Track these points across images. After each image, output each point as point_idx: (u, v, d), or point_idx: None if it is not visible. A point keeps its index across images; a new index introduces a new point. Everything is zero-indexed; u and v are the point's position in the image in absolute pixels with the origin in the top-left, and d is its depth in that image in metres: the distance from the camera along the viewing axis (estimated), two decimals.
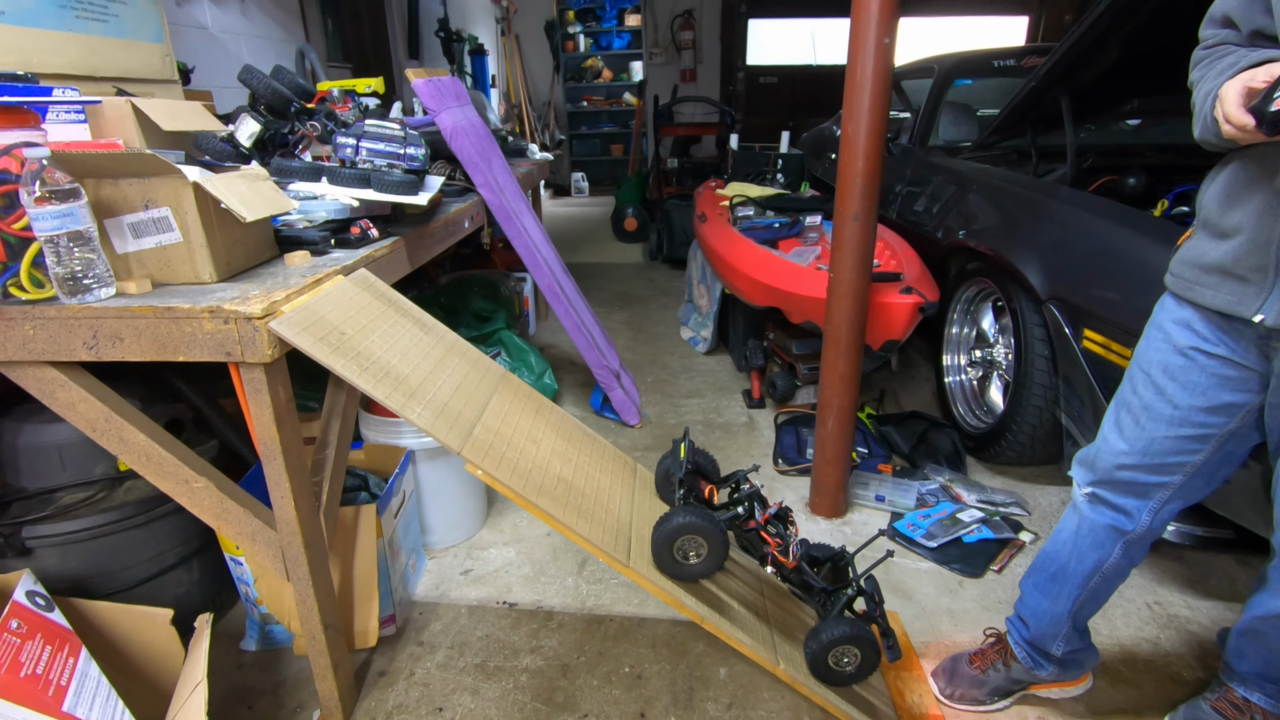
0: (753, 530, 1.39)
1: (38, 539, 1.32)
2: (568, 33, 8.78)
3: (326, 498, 1.32)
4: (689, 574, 1.28)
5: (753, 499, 1.41)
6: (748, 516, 1.39)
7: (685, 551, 1.26)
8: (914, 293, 2.04)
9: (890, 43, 1.62)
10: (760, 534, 1.38)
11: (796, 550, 1.37)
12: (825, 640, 1.28)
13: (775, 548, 1.35)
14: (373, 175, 1.61)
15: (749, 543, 1.42)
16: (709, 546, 1.26)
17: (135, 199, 1.12)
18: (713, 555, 1.27)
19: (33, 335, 1.07)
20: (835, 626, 1.28)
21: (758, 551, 1.40)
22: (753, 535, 1.39)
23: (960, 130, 3.29)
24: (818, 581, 1.39)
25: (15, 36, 1.56)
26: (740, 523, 1.39)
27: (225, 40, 3.20)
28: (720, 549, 1.27)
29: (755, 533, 1.39)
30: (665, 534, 1.25)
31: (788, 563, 1.36)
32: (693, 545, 1.26)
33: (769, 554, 1.36)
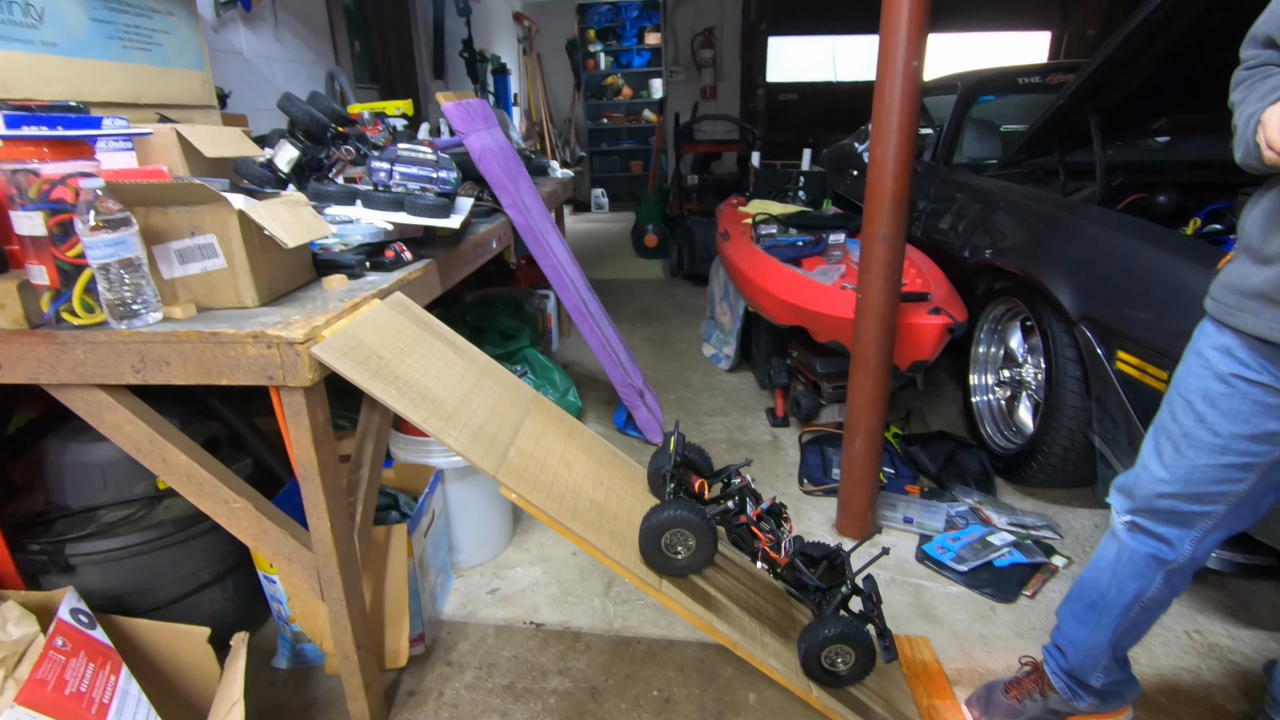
0: (743, 525, 1.36)
1: (80, 556, 1.35)
2: (588, 51, 8.90)
3: (360, 518, 1.34)
4: (677, 569, 1.26)
5: (743, 493, 1.39)
6: (738, 511, 1.36)
7: (673, 546, 1.25)
8: (942, 313, 2.03)
9: (919, 65, 1.62)
10: (751, 529, 1.35)
11: (789, 546, 1.34)
12: (818, 639, 1.26)
13: (767, 543, 1.32)
14: (406, 199, 1.64)
15: (740, 538, 1.39)
16: (697, 541, 1.24)
17: (183, 226, 1.15)
18: (701, 550, 1.25)
19: (83, 359, 1.10)
20: (828, 625, 1.26)
21: (749, 547, 1.38)
22: (744, 530, 1.37)
23: (984, 147, 3.28)
24: (812, 579, 1.36)
25: (65, 67, 1.62)
26: (731, 517, 1.36)
27: (259, 64, 3.28)
28: (709, 544, 1.25)
29: (746, 528, 1.36)
30: (652, 527, 1.23)
31: (779, 559, 1.33)
32: (681, 540, 1.24)
33: (760, 549, 1.33)
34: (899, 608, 1.78)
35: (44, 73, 1.56)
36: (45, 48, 1.57)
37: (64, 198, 1.07)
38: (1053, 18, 6.41)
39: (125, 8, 1.79)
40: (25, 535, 1.35)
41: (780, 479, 2.43)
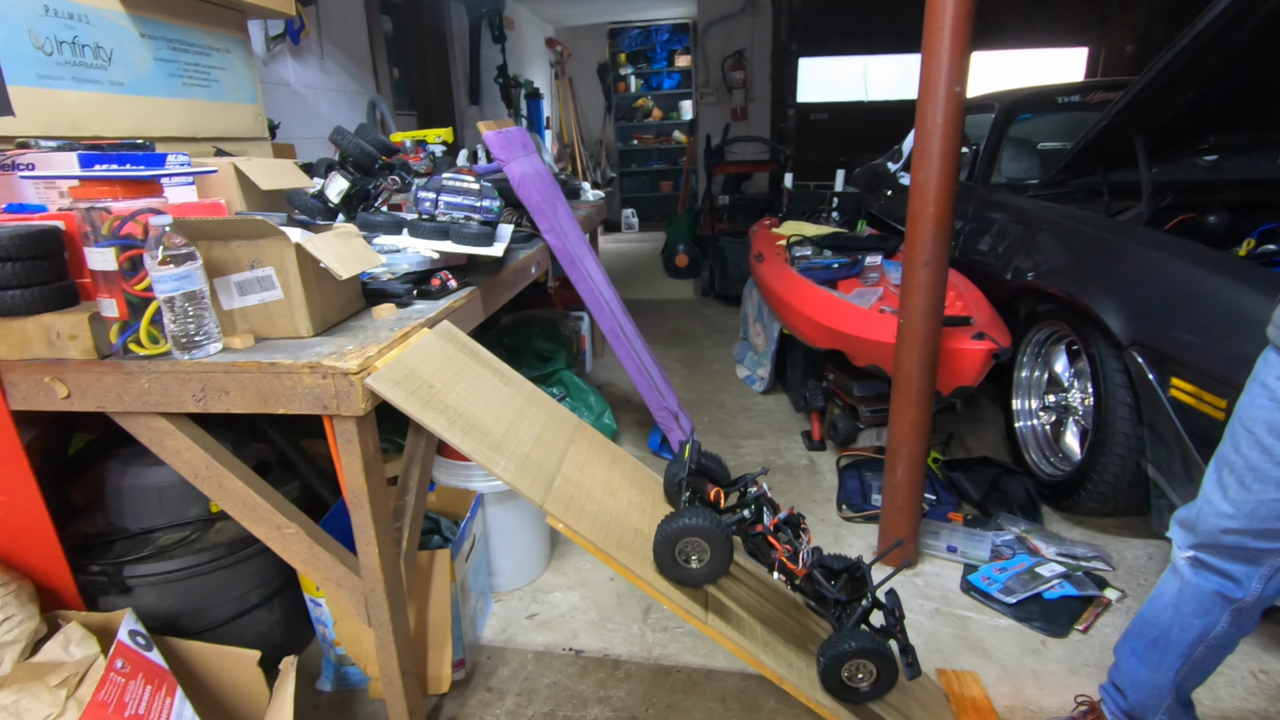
0: (760, 535, 1.33)
1: (137, 578, 1.39)
2: (619, 74, 9.03)
3: (406, 543, 1.35)
4: (692, 579, 1.24)
5: (760, 502, 1.36)
6: (754, 520, 1.33)
7: (688, 555, 1.22)
8: (986, 338, 1.99)
9: (961, 90, 1.62)
10: (768, 539, 1.32)
11: (807, 558, 1.31)
12: (837, 653, 1.22)
13: (784, 554, 1.30)
14: (451, 228, 1.67)
15: (757, 548, 1.36)
16: (712, 550, 1.21)
17: (243, 259, 1.19)
18: (716, 560, 1.22)
19: (148, 388, 1.14)
20: (849, 639, 1.22)
21: (766, 558, 1.35)
22: (760, 540, 1.34)
23: (1022, 166, 3.24)
24: (831, 592, 1.32)
25: (131, 105, 1.70)
26: (747, 526, 1.33)
27: (305, 95, 3.39)
28: (724, 553, 1.22)
29: (763, 537, 1.33)
30: (666, 536, 1.21)
31: (797, 570, 1.30)
32: (695, 549, 1.22)
33: (776, 560, 1.30)
34: (945, 640, 1.74)
35: (111, 111, 1.64)
36: (113, 87, 1.65)
37: (133, 233, 1.12)
38: (1089, 34, 6.33)
39: (186, 47, 1.87)
40: (86, 556, 1.40)
41: (818, 504, 2.39)
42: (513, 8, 6.78)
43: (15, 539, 1.26)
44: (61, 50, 1.52)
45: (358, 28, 3.87)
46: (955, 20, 1.57)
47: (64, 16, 1.52)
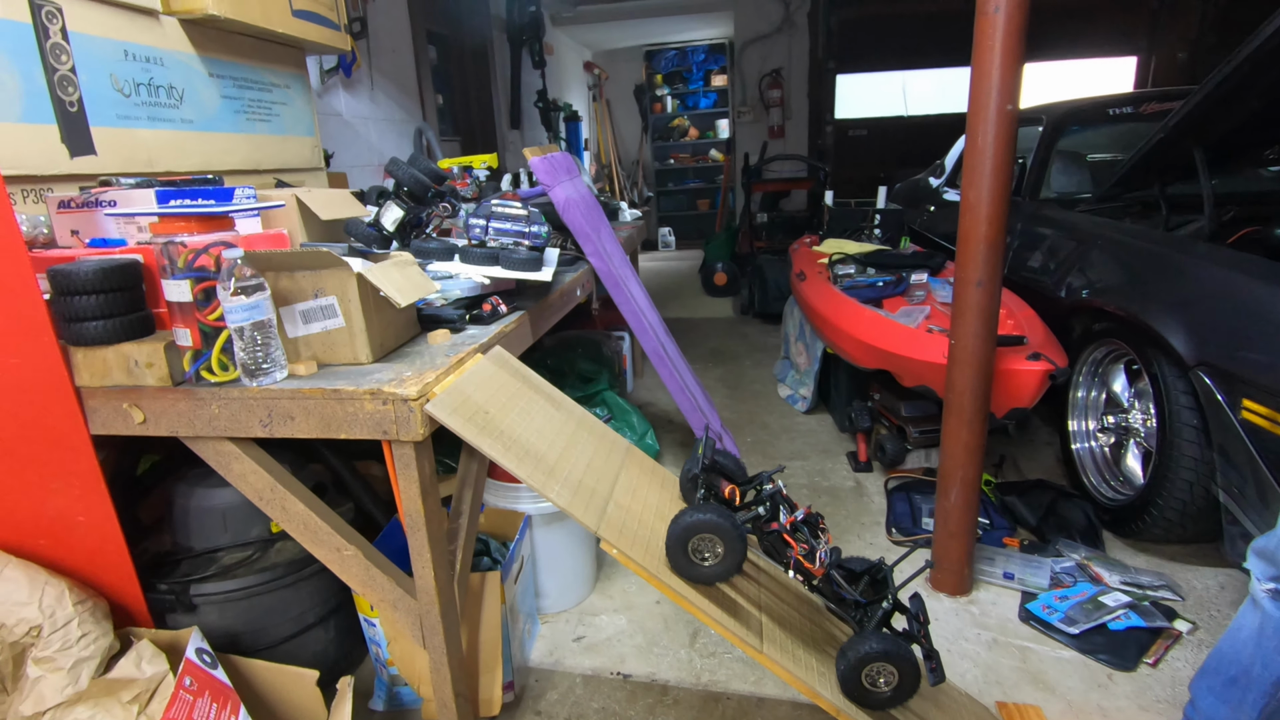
0: (775, 533, 1.30)
1: (202, 596, 1.43)
2: (655, 95, 9.14)
3: (459, 566, 1.37)
4: (704, 576, 1.22)
5: (775, 499, 1.33)
6: (770, 517, 1.30)
7: (700, 552, 1.20)
8: (1042, 358, 1.94)
9: (1014, 109, 1.59)
10: (784, 537, 1.29)
11: (825, 558, 1.28)
12: (858, 655, 1.19)
13: (799, 552, 1.26)
14: (500, 253, 1.70)
15: (772, 547, 1.33)
16: (726, 548, 1.19)
17: (307, 289, 1.23)
18: (730, 557, 1.20)
19: (218, 414, 1.19)
20: (869, 641, 1.19)
21: (781, 556, 1.32)
22: (776, 538, 1.31)
23: (1072, 180, 3.16)
24: (850, 593, 1.29)
25: (200, 141, 1.78)
26: (762, 524, 1.30)
27: (356, 124, 3.51)
28: (738, 551, 1.20)
29: (778, 535, 1.30)
30: (678, 532, 1.19)
31: (814, 569, 1.27)
32: (708, 546, 1.20)
33: (792, 558, 1.27)
34: (1004, 671, 1.68)
35: (183, 147, 1.72)
36: (184, 125, 1.73)
37: (206, 265, 1.17)
38: (1139, 43, 6.17)
39: (250, 84, 1.96)
40: (155, 575, 1.45)
41: (866, 528, 2.35)
42: (552, 34, 6.93)
43: (92, 558, 1.31)
44: (139, 91, 1.60)
45: (405, 59, 4.00)
46: (1006, 37, 1.55)
47: (141, 60, 1.61)
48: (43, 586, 1.22)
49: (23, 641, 1.19)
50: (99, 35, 1.50)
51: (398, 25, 3.94)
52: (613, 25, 7.54)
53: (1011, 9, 1.52)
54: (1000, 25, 1.54)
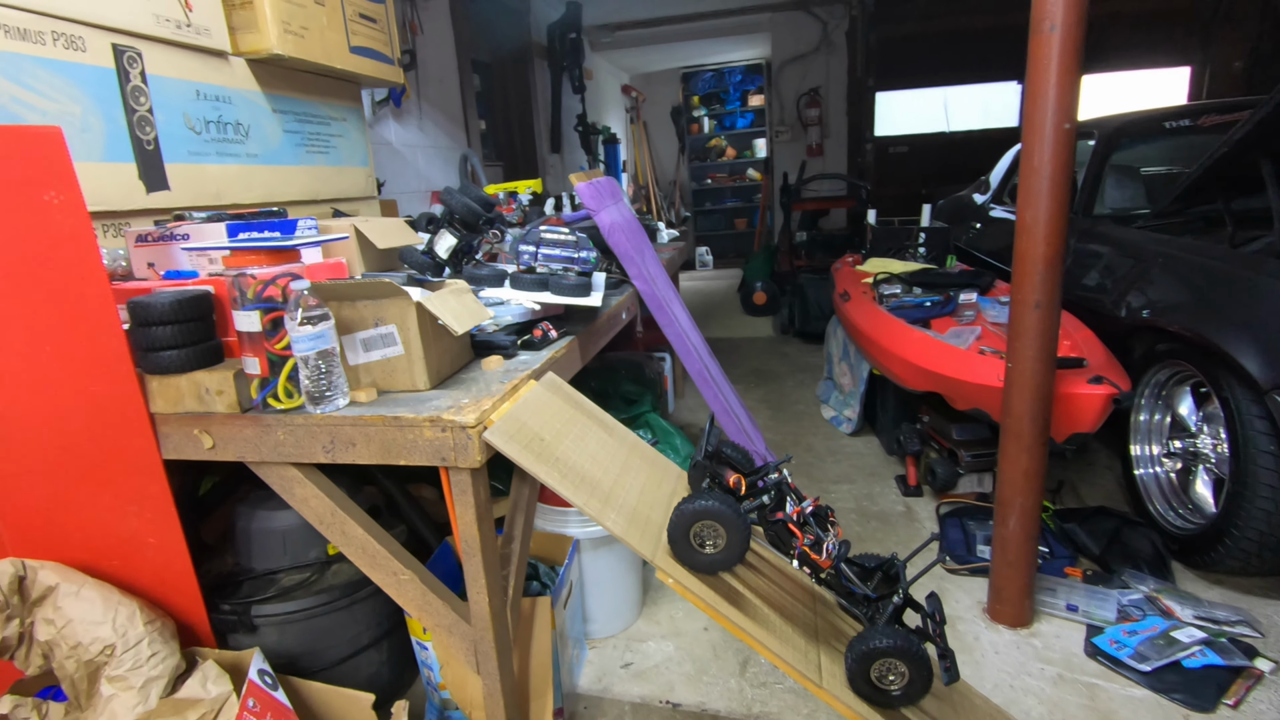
0: (780, 522, 1.27)
1: (263, 617, 1.46)
2: (692, 116, 9.22)
3: (512, 591, 1.37)
4: (705, 565, 1.19)
5: (781, 488, 1.30)
6: (774, 507, 1.27)
7: (702, 539, 1.18)
8: (1105, 382, 1.88)
9: (1071, 127, 1.56)
10: (789, 526, 1.25)
11: (833, 549, 1.24)
12: (866, 650, 1.15)
13: (804, 542, 1.23)
14: (550, 279, 1.73)
15: (778, 537, 1.30)
16: (728, 535, 1.17)
17: (368, 317, 1.26)
18: (732, 545, 1.18)
19: (283, 440, 1.22)
20: (879, 636, 1.15)
21: (786, 547, 1.28)
22: (781, 528, 1.28)
23: (1126, 195, 3.07)
24: (860, 587, 1.25)
25: (264, 174, 1.85)
26: (767, 513, 1.27)
27: (405, 152, 3.62)
28: (740, 538, 1.17)
29: (784, 525, 1.27)
30: (680, 518, 1.17)
31: (821, 561, 1.23)
32: (710, 533, 1.17)
33: (797, 548, 1.24)
34: (1071, 709, 1.61)
35: (248, 181, 1.80)
36: (249, 159, 1.81)
37: (274, 296, 1.21)
38: (1192, 54, 6.00)
39: (310, 118, 2.03)
40: (218, 595, 1.48)
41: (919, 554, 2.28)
42: (591, 59, 7.05)
43: (160, 579, 1.35)
44: (209, 129, 1.68)
45: (451, 87, 4.11)
46: (1062, 55, 1.53)
47: (211, 99, 1.69)
48: (116, 606, 1.27)
49: (97, 660, 1.23)
50: (174, 77, 1.58)
51: (445, 56, 4.06)
52: (650, 49, 7.65)
53: (1068, 27, 1.50)
54: (1056, 44, 1.51)
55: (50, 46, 1.31)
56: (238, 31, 1.76)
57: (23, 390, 1.17)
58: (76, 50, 1.36)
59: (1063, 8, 1.50)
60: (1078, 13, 1.50)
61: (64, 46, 1.34)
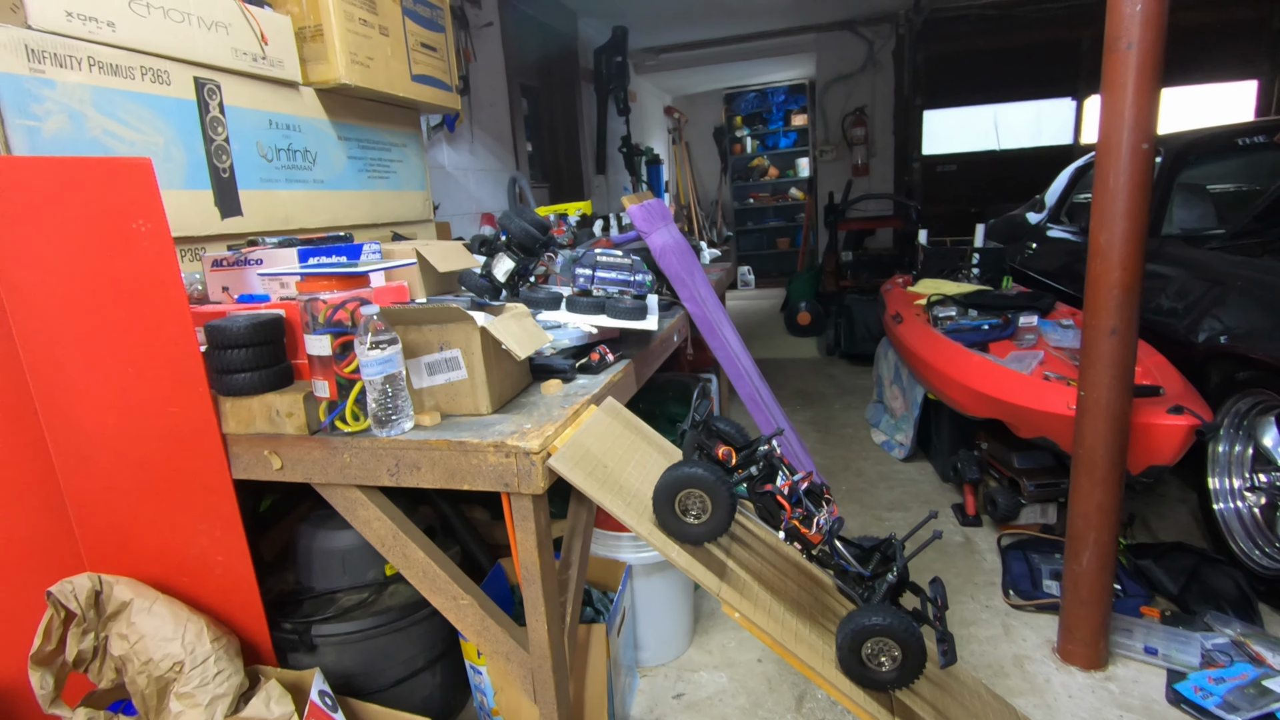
0: (769, 494, 1.22)
1: (323, 637, 1.48)
2: (735, 136, 9.23)
3: (569, 619, 1.36)
4: (691, 535, 1.16)
5: (770, 460, 1.25)
6: (764, 479, 1.22)
7: (687, 508, 1.15)
8: (1185, 412, 1.79)
9: (1149, 148, 1.50)
10: (777, 499, 1.21)
11: (824, 524, 1.20)
12: (857, 627, 1.10)
13: (792, 514, 1.19)
14: (606, 303, 1.72)
15: (767, 510, 1.25)
16: (713, 504, 1.13)
17: (433, 342, 1.28)
18: (717, 515, 1.14)
19: (349, 462, 1.23)
20: (871, 614, 1.10)
21: (775, 520, 1.24)
22: (769, 500, 1.23)
23: (1195, 215, 2.95)
24: (853, 565, 1.20)
25: (329, 199, 1.91)
26: (756, 485, 1.23)
27: (457, 175, 3.69)
28: (725, 508, 1.14)
29: (771, 497, 1.22)
30: (665, 485, 1.14)
31: (811, 535, 1.19)
32: (696, 502, 1.14)
33: (785, 520, 1.20)
34: None
35: (314, 206, 1.85)
36: (316, 185, 1.86)
37: (343, 320, 1.23)
38: (1260, 66, 5.77)
39: (373, 145, 2.09)
40: (280, 614, 1.50)
41: (980, 588, 2.20)
42: (636, 81, 7.14)
43: (226, 596, 1.38)
44: (279, 156, 1.74)
45: (501, 111, 4.19)
46: (1139, 73, 1.47)
47: (282, 128, 1.75)
48: (185, 623, 1.29)
49: (166, 676, 1.25)
50: (249, 107, 1.64)
51: (495, 81, 4.15)
52: (694, 70, 7.70)
53: (1146, 44, 1.45)
54: (1133, 62, 1.46)
55: (139, 81, 1.38)
56: (308, 63, 1.82)
57: (107, 410, 1.21)
58: (162, 84, 1.42)
59: (1140, 24, 1.45)
60: (1156, 30, 1.45)
61: (151, 80, 1.40)
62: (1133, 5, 1.44)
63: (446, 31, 2.31)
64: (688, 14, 5.93)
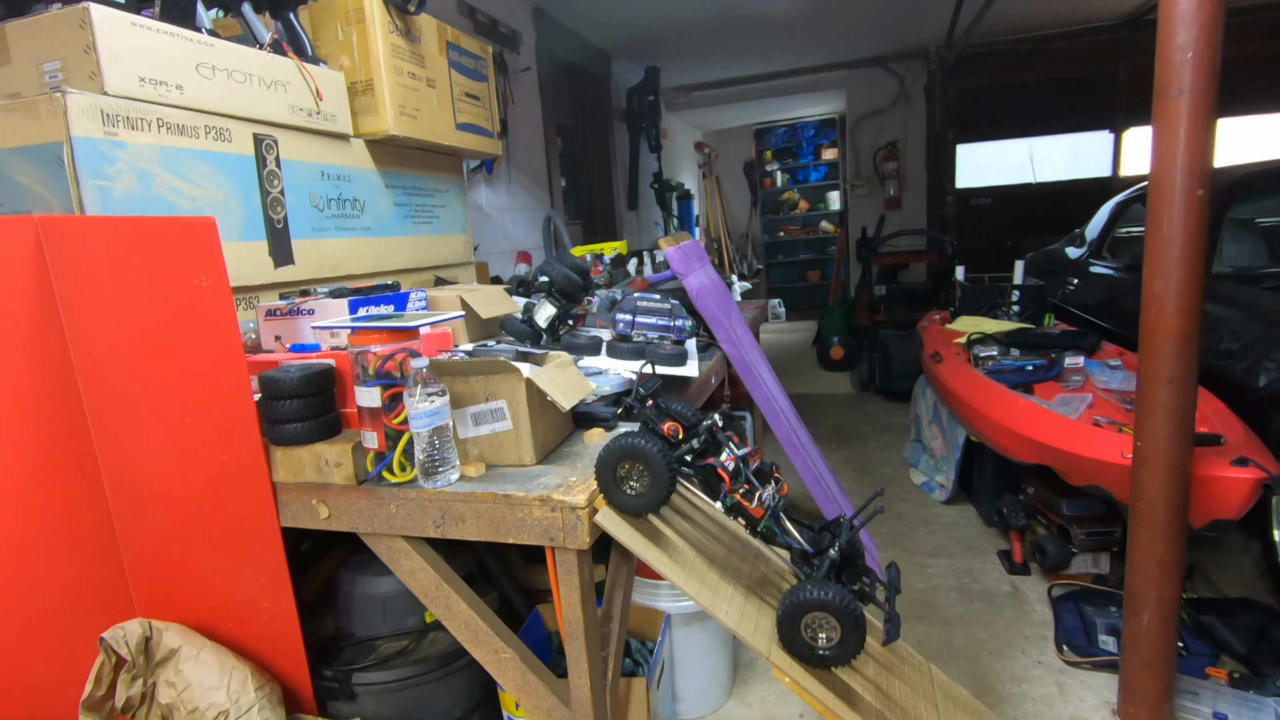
0: (710, 467, 1.19)
1: (363, 685, 1.47)
2: (765, 171, 9.29)
3: (611, 674, 1.33)
4: (630, 506, 1.15)
5: (711, 432, 1.23)
6: (704, 452, 1.20)
7: (627, 478, 1.14)
8: (1251, 464, 1.71)
9: (1204, 194, 1.47)
10: (717, 471, 1.18)
11: (766, 500, 1.17)
12: (795, 601, 1.08)
13: (731, 486, 1.17)
14: (646, 348, 1.73)
15: (706, 483, 1.23)
16: (652, 476, 1.12)
17: (479, 393, 1.29)
18: (655, 487, 1.13)
19: (395, 513, 1.24)
20: (810, 589, 1.08)
21: (715, 492, 1.21)
22: (710, 473, 1.20)
23: (1246, 251, 2.87)
24: (796, 541, 1.17)
25: (375, 246, 1.95)
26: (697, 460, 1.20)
27: (494, 215, 3.77)
28: (664, 480, 1.12)
29: (712, 470, 1.19)
30: (605, 457, 1.13)
31: (753, 510, 1.16)
32: (635, 474, 1.13)
33: (724, 493, 1.17)
34: None
35: (361, 253, 1.89)
36: (363, 232, 1.91)
37: (392, 370, 1.25)
38: None
39: (417, 191, 2.14)
40: (321, 660, 1.50)
41: (1030, 641, 2.11)
42: (667, 118, 7.25)
43: (271, 643, 1.38)
44: (330, 206, 1.79)
45: (538, 152, 4.29)
46: (1192, 119, 1.45)
47: (334, 178, 1.80)
48: (230, 671, 1.30)
49: None
50: (303, 160, 1.70)
51: (532, 123, 4.24)
52: (724, 107, 7.81)
53: (1198, 91, 1.42)
54: (1185, 108, 1.44)
55: (203, 139, 1.44)
56: (358, 115, 1.89)
57: (164, 459, 1.24)
58: (224, 141, 1.48)
59: (1191, 70, 1.43)
60: (1208, 75, 1.43)
61: (214, 139, 1.46)
62: (1184, 52, 1.42)
63: (489, 80, 2.38)
64: (718, 53, 6.03)
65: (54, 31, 1.29)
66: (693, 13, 4.84)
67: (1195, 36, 1.41)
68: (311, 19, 1.86)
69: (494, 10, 3.80)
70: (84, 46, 1.27)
